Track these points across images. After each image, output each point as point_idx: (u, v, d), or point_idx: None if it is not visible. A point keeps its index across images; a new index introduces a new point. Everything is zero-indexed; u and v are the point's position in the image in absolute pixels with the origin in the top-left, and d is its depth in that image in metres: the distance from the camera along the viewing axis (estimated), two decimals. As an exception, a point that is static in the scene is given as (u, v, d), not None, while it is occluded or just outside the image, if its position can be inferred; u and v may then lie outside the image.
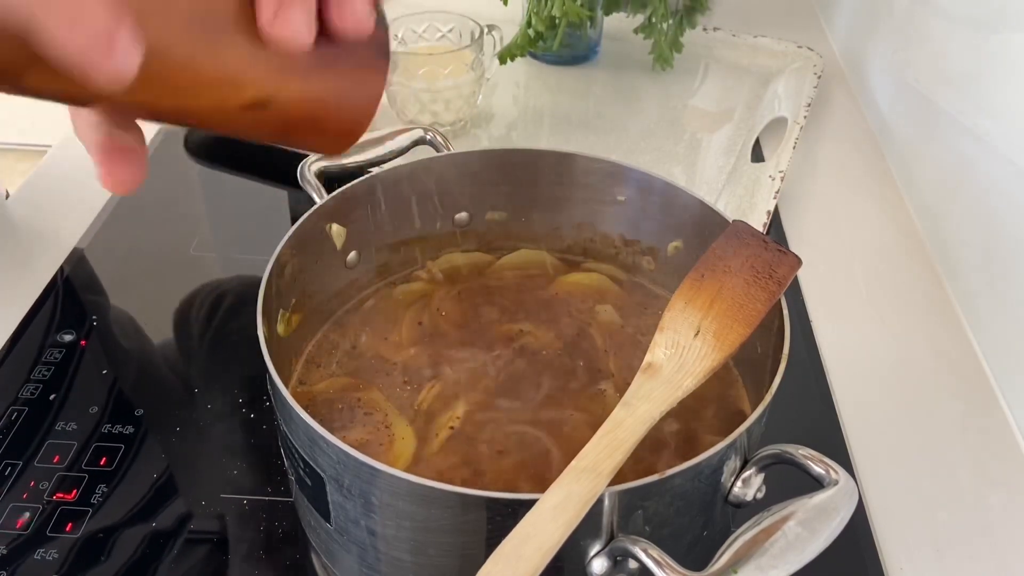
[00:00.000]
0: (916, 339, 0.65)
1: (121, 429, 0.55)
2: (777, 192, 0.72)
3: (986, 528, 0.53)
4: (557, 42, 0.89)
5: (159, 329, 0.64)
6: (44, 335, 0.61)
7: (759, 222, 0.69)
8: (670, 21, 0.90)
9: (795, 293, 0.68)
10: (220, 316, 0.64)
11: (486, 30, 0.82)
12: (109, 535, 0.49)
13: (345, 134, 0.32)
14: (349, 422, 0.47)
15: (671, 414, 0.40)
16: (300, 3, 0.27)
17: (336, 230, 0.52)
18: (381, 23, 0.31)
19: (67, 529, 0.49)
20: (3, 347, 0.60)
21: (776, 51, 0.94)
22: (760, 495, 0.40)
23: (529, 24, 0.88)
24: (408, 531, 0.38)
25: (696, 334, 0.42)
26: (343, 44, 0.30)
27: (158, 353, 0.62)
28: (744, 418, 0.38)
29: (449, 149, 0.56)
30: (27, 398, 0.56)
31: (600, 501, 0.34)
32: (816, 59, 0.92)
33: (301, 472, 0.41)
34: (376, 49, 0.31)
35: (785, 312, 0.43)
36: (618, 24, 0.96)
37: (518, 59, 0.89)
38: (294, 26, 0.27)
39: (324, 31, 0.29)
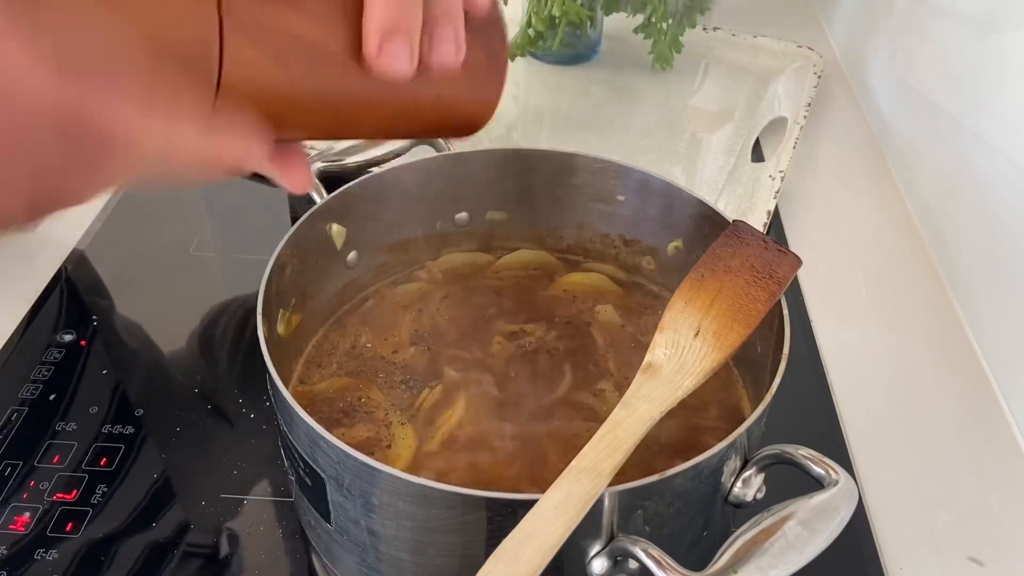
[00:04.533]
0: (916, 339, 0.65)
1: (121, 429, 0.55)
2: (777, 192, 0.72)
3: (986, 528, 0.53)
4: (557, 42, 0.89)
5: (159, 330, 0.64)
6: (44, 335, 0.61)
7: (759, 222, 0.69)
8: (670, 21, 0.90)
9: (795, 293, 0.68)
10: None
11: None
12: (109, 536, 0.49)
13: (472, 126, 0.39)
14: (349, 422, 0.47)
15: (671, 414, 0.40)
16: (401, 39, 0.30)
17: (336, 230, 0.52)
18: (496, 29, 0.35)
19: (67, 529, 0.49)
20: (3, 347, 0.60)
21: (776, 51, 0.94)
22: (760, 495, 0.40)
23: (529, 24, 0.88)
24: (408, 531, 0.38)
25: (696, 334, 0.42)
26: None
27: (158, 354, 0.62)
28: (744, 418, 0.38)
29: (449, 149, 0.56)
30: (27, 398, 0.56)
31: (600, 501, 0.35)
32: (816, 59, 0.92)
33: (301, 472, 0.41)
34: (490, 59, 0.36)
35: (785, 312, 0.43)
36: (618, 24, 0.96)
37: (518, 59, 0.89)
38: (396, 61, 0.30)
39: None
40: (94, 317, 0.63)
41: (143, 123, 0.25)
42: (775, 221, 0.74)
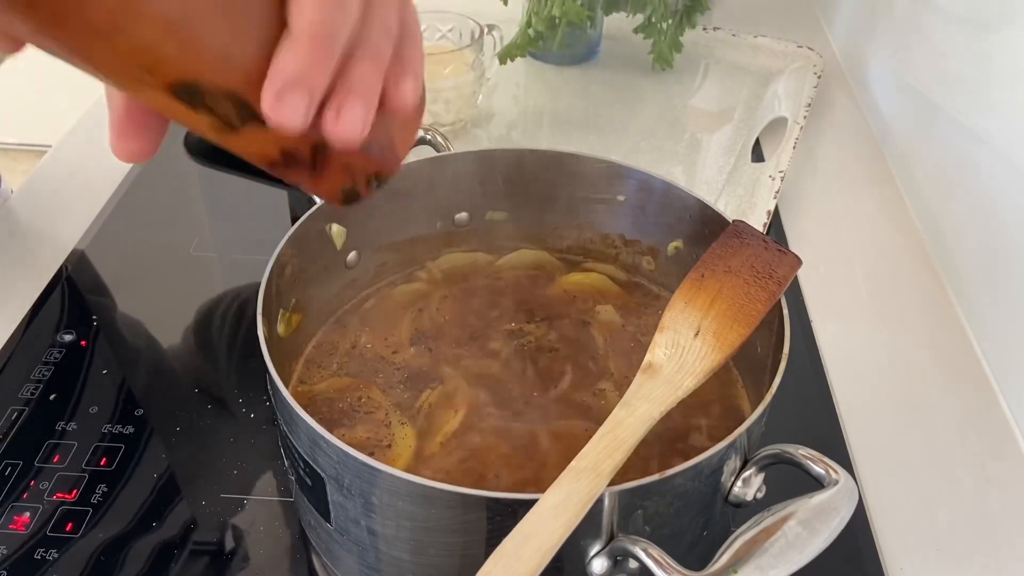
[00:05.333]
0: (916, 339, 0.65)
1: (121, 429, 0.55)
2: (777, 192, 0.72)
3: (986, 528, 0.53)
4: (557, 42, 0.89)
5: (159, 330, 0.64)
6: (45, 335, 0.61)
7: (759, 222, 0.69)
8: (670, 21, 0.90)
9: (795, 293, 0.68)
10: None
11: (486, 30, 0.82)
12: (110, 536, 0.49)
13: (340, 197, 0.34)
14: (349, 422, 0.47)
15: (671, 414, 0.40)
16: (301, 96, 0.28)
17: (336, 230, 0.52)
18: (408, 130, 0.33)
19: (67, 529, 0.49)
20: (4, 347, 0.60)
21: (776, 51, 0.94)
22: (760, 495, 0.40)
23: (529, 24, 0.88)
24: (408, 531, 0.38)
25: (696, 334, 0.42)
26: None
27: (158, 354, 0.62)
28: (744, 418, 0.38)
29: (449, 149, 0.56)
30: (27, 398, 0.56)
31: (600, 501, 0.35)
32: (816, 59, 0.92)
33: (301, 472, 0.41)
34: (386, 155, 0.33)
35: (785, 312, 0.43)
36: (618, 24, 0.96)
37: (518, 59, 0.89)
38: (290, 115, 0.28)
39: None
40: (94, 317, 0.63)
41: None
42: (775, 221, 0.74)
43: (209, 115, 0.29)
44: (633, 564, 0.36)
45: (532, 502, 0.34)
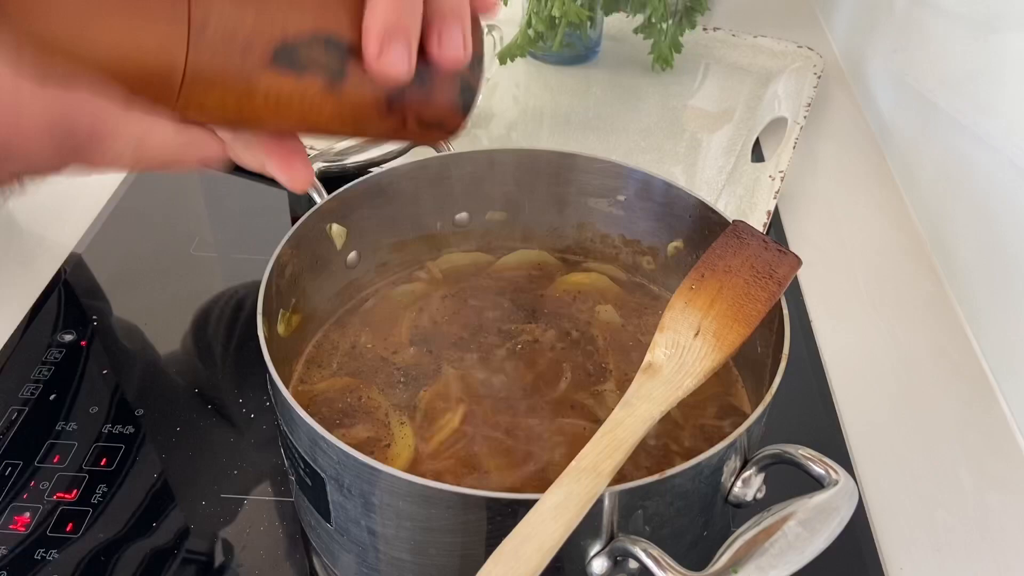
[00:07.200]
0: (916, 339, 0.65)
1: (121, 429, 0.55)
2: (777, 192, 0.72)
3: (986, 528, 0.53)
4: (557, 42, 0.89)
5: (160, 330, 0.64)
6: (45, 335, 0.61)
7: (759, 222, 0.69)
8: (670, 21, 0.90)
9: (795, 293, 0.68)
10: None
11: (486, 30, 0.81)
12: (110, 536, 0.49)
13: (450, 128, 0.37)
14: (349, 422, 0.47)
15: (670, 414, 0.40)
16: (402, 42, 0.31)
17: (336, 230, 0.52)
18: (476, 67, 0.36)
19: (67, 529, 0.49)
20: (4, 347, 0.60)
21: (776, 51, 0.94)
22: (760, 495, 0.40)
23: (529, 24, 0.88)
24: (408, 531, 0.38)
25: (696, 334, 0.42)
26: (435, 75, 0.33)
27: (158, 354, 0.62)
28: (744, 418, 0.39)
29: (449, 149, 0.56)
30: (28, 398, 0.56)
31: (600, 501, 0.35)
32: (816, 59, 0.92)
33: (301, 472, 0.41)
34: (461, 90, 0.36)
35: (785, 312, 0.43)
36: (618, 24, 0.96)
37: (518, 59, 0.89)
38: (397, 64, 0.31)
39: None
40: (94, 317, 0.63)
41: (117, 121, 0.28)
42: (775, 221, 0.74)
43: (313, 72, 0.30)
44: (633, 564, 0.36)
45: (532, 502, 0.34)
